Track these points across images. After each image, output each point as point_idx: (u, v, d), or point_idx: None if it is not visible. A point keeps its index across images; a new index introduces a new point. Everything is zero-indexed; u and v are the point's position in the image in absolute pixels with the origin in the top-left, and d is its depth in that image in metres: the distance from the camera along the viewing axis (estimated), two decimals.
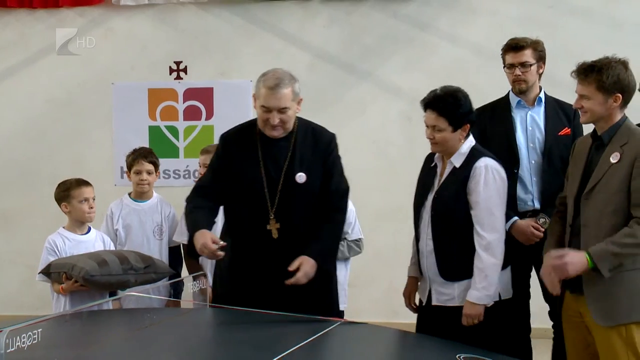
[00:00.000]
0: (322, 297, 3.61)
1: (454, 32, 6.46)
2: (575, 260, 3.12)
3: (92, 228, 4.41)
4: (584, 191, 3.23)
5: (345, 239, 4.33)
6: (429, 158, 3.72)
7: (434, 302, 3.55)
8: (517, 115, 4.16)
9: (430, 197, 3.55)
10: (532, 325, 4.30)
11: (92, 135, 6.82)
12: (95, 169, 6.18)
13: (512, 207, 3.94)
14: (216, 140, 5.56)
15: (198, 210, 3.65)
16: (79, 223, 4.32)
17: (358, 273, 5.01)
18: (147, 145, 5.79)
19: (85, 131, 6.82)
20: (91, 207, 4.28)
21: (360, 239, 4.50)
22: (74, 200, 4.26)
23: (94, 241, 4.33)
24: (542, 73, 4.21)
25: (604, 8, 6.15)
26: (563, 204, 3.46)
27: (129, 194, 4.80)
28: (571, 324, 3.39)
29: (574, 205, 3.29)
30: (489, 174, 3.46)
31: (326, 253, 3.62)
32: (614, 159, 3.17)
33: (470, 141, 3.57)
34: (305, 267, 3.44)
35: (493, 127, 4.14)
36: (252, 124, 3.76)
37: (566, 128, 4.11)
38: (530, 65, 4.11)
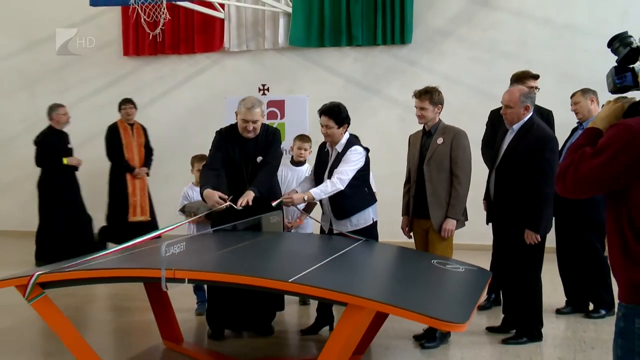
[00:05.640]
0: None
1: (430, 66, 6.35)
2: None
3: None
4: (425, 160, 3.44)
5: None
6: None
7: None
8: None
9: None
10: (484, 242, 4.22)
11: (213, 130, 6.78)
12: None
13: None
14: (287, 133, 5.56)
15: (210, 172, 3.50)
16: None
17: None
18: None
19: (209, 127, 6.77)
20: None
21: (375, 191, 4.35)
22: (194, 168, 4.25)
23: None
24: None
25: (522, 53, 6.00)
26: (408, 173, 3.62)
27: None
28: (418, 235, 3.60)
29: (417, 171, 3.48)
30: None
31: (262, 184, 3.43)
32: (439, 141, 3.43)
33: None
34: (248, 196, 3.33)
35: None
36: (234, 127, 3.59)
37: None
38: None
